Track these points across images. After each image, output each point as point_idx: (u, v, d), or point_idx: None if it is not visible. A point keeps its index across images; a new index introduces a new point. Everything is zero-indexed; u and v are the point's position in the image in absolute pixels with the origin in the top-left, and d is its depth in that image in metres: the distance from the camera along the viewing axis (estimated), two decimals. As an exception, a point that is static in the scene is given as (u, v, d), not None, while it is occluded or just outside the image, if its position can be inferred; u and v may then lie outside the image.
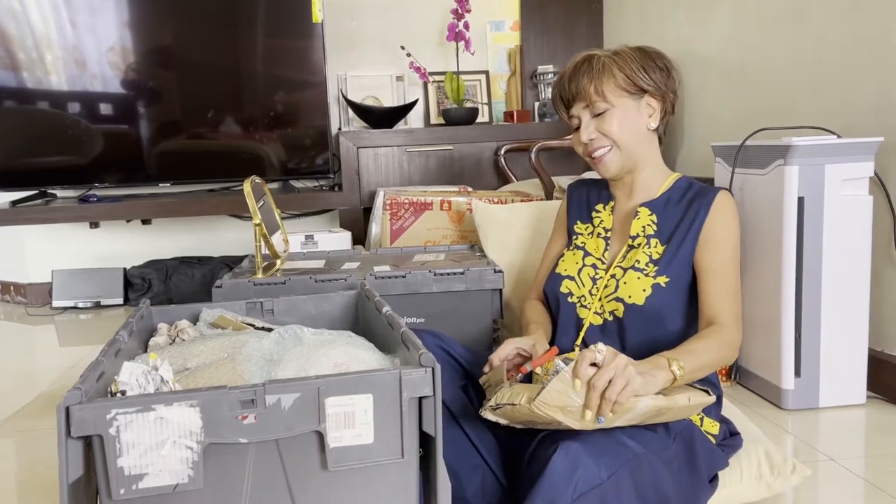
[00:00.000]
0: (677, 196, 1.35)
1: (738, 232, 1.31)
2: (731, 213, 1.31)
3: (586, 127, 1.33)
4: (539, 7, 3.59)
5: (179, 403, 0.85)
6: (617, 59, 1.31)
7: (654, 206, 1.35)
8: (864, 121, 1.95)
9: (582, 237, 1.42)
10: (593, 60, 1.31)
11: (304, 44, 3.21)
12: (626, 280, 1.28)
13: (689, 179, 1.39)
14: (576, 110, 1.34)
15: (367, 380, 0.93)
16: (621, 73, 1.30)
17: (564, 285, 1.36)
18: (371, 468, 0.94)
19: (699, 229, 1.29)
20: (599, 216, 1.42)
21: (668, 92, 1.34)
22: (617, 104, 1.30)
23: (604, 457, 0.99)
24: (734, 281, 1.27)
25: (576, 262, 1.38)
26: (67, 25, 3.09)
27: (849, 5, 1.99)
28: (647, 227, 1.33)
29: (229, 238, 3.61)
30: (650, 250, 1.31)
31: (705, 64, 2.73)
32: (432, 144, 3.20)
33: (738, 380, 2.06)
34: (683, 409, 1.08)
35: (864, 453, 1.62)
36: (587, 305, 1.33)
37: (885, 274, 1.89)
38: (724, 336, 1.22)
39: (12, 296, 3.57)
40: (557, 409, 0.99)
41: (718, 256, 1.27)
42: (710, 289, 1.26)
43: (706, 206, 1.30)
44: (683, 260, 1.29)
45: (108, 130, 3.19)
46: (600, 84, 1.29)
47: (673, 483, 1.06)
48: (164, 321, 1.37)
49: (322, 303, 1.45)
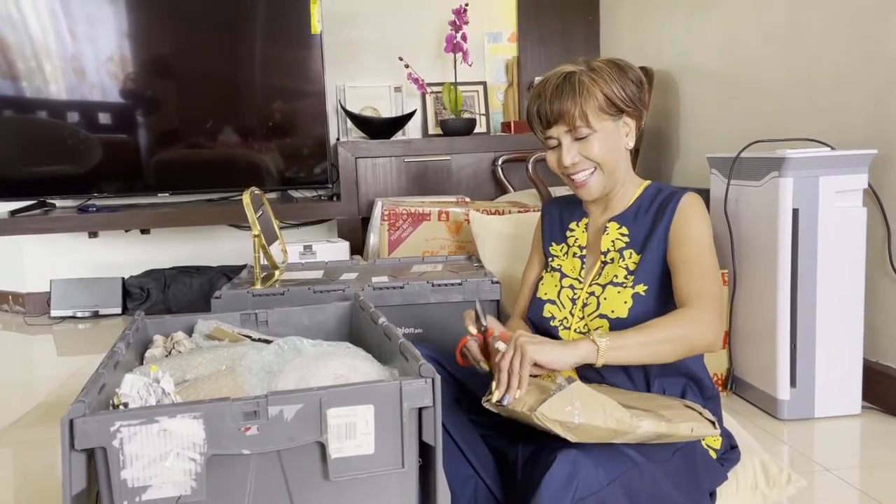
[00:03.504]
0: (647, 203, 1.34)
1: (707, 228, 1.28)
2: (698, 212, 1.28)
3: (568, 151, 1.29)
4: (536, 19, 3.61)
5: (183, 415, 0.86)
6: (597, 77, 1.28)
7: (623, 219, 1.35)
8: (858, 133, 1.97)
9: (558, 259, 1.41)
10: (574, 80, 1.28)
11: (302, 54, 3.23)
12: (606, 296, 1.28)
13: (659, 185, 1.37)
14: (555, 132, 1.30)
15: (369, 391, 0.94)
16: (602, 94, 1.26)
17: (546, 310, 1.36)
18: (372, 478, 0.95)
19: (666, 232, 1.28)
20: (574, 234, 1.41)
21: (642, 108, 1.33)
22: (599, 128, 1.28)
23: (604, 464, 1.00)
24: (706, 266, 1.24)
25: (554, 284, 1.37)
26: (66, 35, 3.10)
27: (842, 19, 2.01)
28: (617, 241, 1.33)
29: (228, 248, 3.61)
30: (625, 262, 1.30)
31: (701, 76, 2.76)
32: (430, 155, 3.21)
33: (733, 390, 2.08)
34: (685, 437, 1.09)
35: (859, 463, 1.63)
36: (569, 327, 1.32)
37: (880, 285, 1.91)
38: (683, 314, 1.19)
39: (10, 305, 3.57)
40: (557, 423, 1.00)
41: (686, 249, 1.25)
42: (680, 278, 1.24)
43: (672, 209, 1.29)
44: (657, 265, 1.28)
45: (107, 140, 3.20)
46: (584, 108, 1.26)
47: (673, 495, 1.07)
48: (159, 333, 1.37)
49: (316, 314, 1.46)
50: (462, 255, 2.19)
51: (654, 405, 1.14)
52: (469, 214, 2.23)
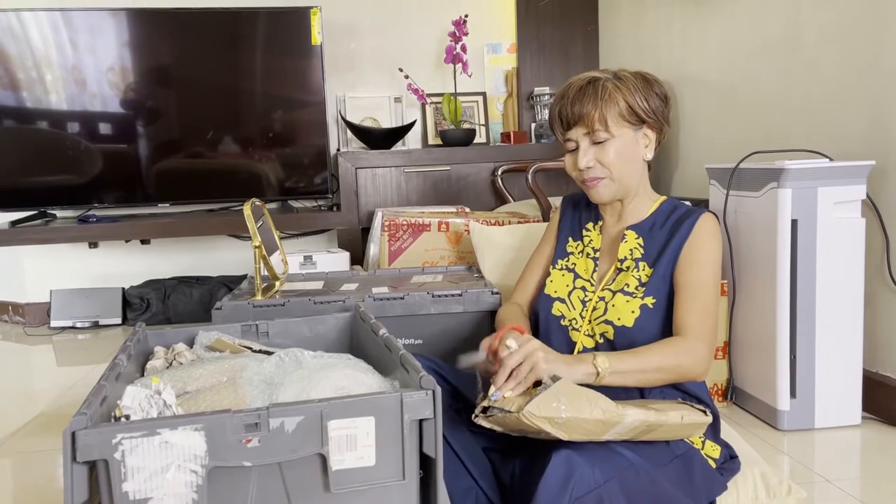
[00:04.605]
0: (662, 219, 1.36)
1: (719, 253, 1.31)
2: (713, 235, 1.31)
3: (584, 154, 1.32)
4: (535, 29, 3.63)
5: (184, 427, 0.86)
6: (621, 85, 1.30)
7: (640, 230, 1.36)
8: (856, 144, 1.98)
9: (573, 257, 1.43)
10: (598, 85, 1.29)
11: (303, 65, 3.25)
12: (615, 303, 1.30)
13: (674, 202, 1.40)
14: (574, 134, 1.32)
15: (370, 403, 0.94)
16: (625, 101, 1.29)
17: (556, 308, 1.37)
18: (372, 490, 0.96)
19: (679, 248, 1.30)
20: (589, 235, 1.43)
21: (664, 123, 1.35)
22: (617, 134, 1.30)
23: (599, 463, 1.01)
24: (709, 299, 1.27)
25: (566, 284, 1.39)
26: (67, 45, 3.12)
27: (840, 31, 2.03)
28: (635, 251, 1.34)
29: (228, 258, 3.62)
30: (639, 273, 1.32)
31: (699, 87, 2.77)
32: (430, 165, 3.22)
33: (733, 400, 2.08)
34: (677, 426, 1.09)
35: (859, 474, 1.63)
36: (578, 328, 1.34)
37: (879, 295, 1.91)
38: (680, 344, 1.22)
39: (10, 316, 3.57)
40: (545, 420, 1.01)
41: (696, 274, 1.28)
42: (683, 304, 1.27)
43: (688, 227, 1.31)
44: (666, 280, 1.30)
45: (108, 150, 3.21)
46: (605, 113, 1.28)
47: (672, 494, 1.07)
48: (160, 344, 1.37)
49: (317, 325, 1.46)
50: (462, 266, 2.20)
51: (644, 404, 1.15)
52: (469, 225, 2.23)
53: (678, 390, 1.29)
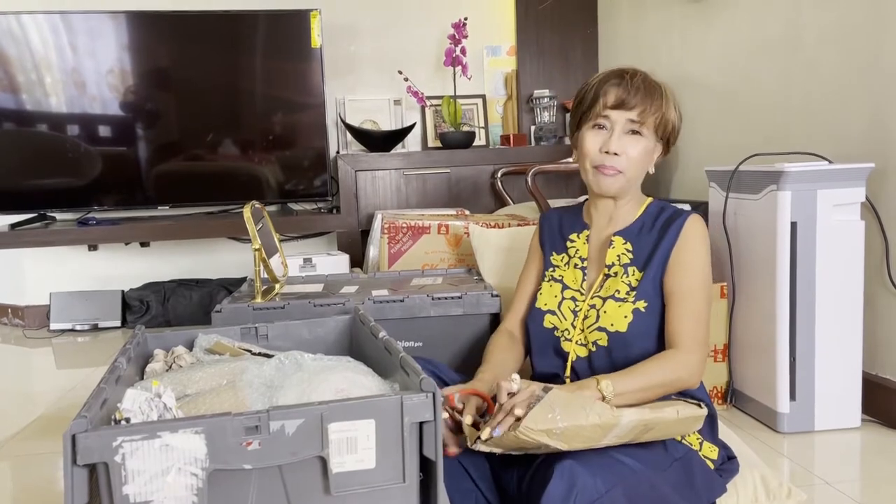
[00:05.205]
0: (650, 222, 1.36)
1: (707, 256, 1.31)
2: (701, 238, 1.32)
3: (618, 138, 1.31)
4: (535, 32, 3.63)
5: (185, 430, 0.86)
6: (669, 99, 1.35)
7: (627, 234, 1.36)
8: (855, 147, 1.98)
9: (559, 269, 1.42)
10: (659, 87, 1.34)
11: (302, 67, 3.25)
12: (606, 309, 1.30)
13: (661, 203, 1.40)
14: (618, 115, 1.31)
15: (370, 405, 0.94)
16: (666, 114, 1.33)
17: (547, 320, 1.36)
18: (373, 493, 0.95)
19: (668, 253, 1.31)
20: (574, 245, 1.42)
21: (672, 143, 1.39)
22: (647, 136, 1.32)
23: (601, 472, 1.01)
24: (699, 306, 1.28)
25: (554, 295, 1.38)
26: (67, 48, 3.12)
27: (840, 33, 2.03)
28: (623, 256, 1.34)
29: (227, 260, 3.62)
30: (628, 279, 1.32)
31: (699, 89, 2.77)
32: (430, 168, 3.22)
33: (733, 403, 2.08)
34: (673, 422, 1.09)
35: (859, 476, 1.63)
36: (570, 338, 1.33)
37: (878, 297, 1.92)
38: (675, 358, 1.24)
39: (10, 318, 3.57)
40: (542, 433, 1.01)
41: (685, 281, 1.28)
42: (673, 312, 1.28)
43: (676, 231, 1.31)
44: (657, 284, 1.30)
45: (107, 153, 3.21)
46: (653, 113, 1.31)
47: (673, 498, 1.08)
48: (159, 347, 1.37)
49: (316, 328, 1.46)
50: (462, 268, 2.20)
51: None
52: (468, 227, 2.23)
53: (677, 393, 1.29)
